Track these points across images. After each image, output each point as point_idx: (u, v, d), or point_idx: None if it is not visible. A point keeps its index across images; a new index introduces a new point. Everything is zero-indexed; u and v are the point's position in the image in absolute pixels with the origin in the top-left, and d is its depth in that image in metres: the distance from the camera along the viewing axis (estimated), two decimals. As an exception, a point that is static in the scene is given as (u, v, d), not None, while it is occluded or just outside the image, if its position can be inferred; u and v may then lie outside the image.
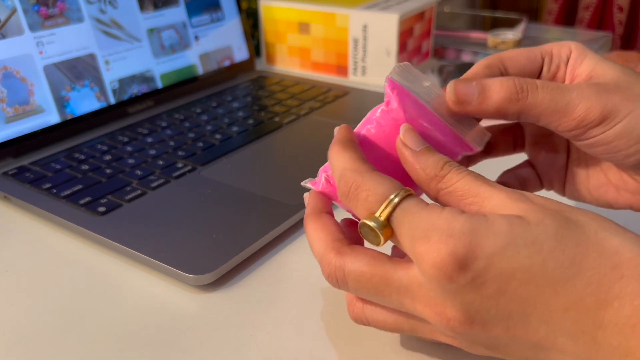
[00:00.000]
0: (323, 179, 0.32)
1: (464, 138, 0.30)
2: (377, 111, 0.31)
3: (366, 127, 0.31)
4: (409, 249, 0.25)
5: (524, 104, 0.30)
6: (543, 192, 0.31)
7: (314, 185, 0.33)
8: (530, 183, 0.37)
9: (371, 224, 0.26)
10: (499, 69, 0.33)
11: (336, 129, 0.32)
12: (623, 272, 0.23)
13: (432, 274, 0.24)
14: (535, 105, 0.30)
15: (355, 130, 0.32)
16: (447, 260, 0.24)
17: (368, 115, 0.32)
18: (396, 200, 0.26)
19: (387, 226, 0.26)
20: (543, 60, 0.33)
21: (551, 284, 0.23)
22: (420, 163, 0.28)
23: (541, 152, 0.37)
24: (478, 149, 0.31)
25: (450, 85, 0.30)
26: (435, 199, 0.28)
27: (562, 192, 0.37)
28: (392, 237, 0.26)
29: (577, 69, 0.33)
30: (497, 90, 0.30)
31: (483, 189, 0.26)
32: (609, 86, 0.30)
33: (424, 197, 0.28)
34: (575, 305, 0.23)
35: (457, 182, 0.27)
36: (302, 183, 0.34)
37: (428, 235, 0.24)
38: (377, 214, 0.26)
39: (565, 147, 0.36)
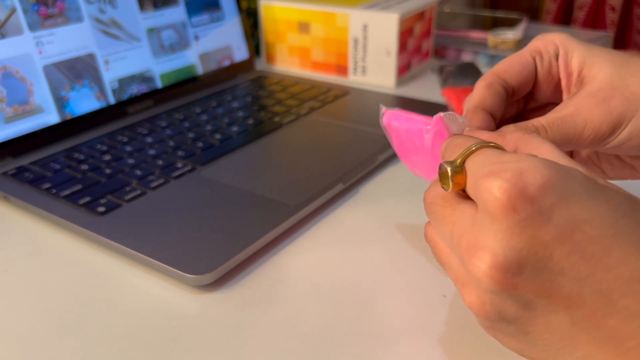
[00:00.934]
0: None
1: None
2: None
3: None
4: (473, 188, 0.24)
5: None
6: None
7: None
8: None
9: (446, 165, 0.26)
10: (501, 85, 0.33)
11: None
12: None
13: (492, 202, 0.22)
14: (553, 142, 0.30)
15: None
16: (513, 187, 0.21)
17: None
18: (474, 147, 0.25)
19: (460, 172, 0.25)
20: (535, 60, 0.34)
21: (621, 247, 0.21)
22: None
23: None
24: None
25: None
26: None
27: None
28: (466, 187, 0.25)
29: (569, 65, 0.33)
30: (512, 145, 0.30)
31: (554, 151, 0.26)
32: (604, 92, 0.30)
33: None
34: None
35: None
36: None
37: (495, 168, 0.23)
38: (455, 158, 0.26)
39: None
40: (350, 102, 0.64)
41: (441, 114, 0.31)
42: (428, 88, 0.72)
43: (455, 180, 0.25)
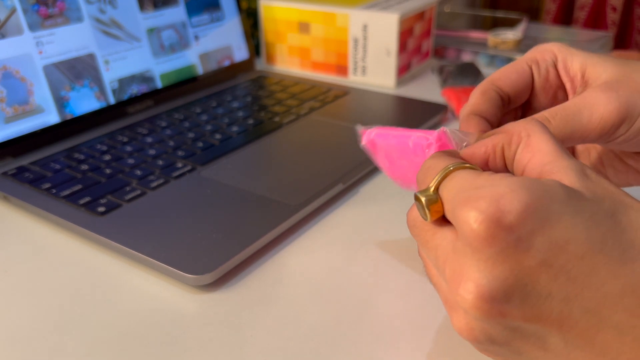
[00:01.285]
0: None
1: None
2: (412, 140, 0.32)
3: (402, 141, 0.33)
4: (451, 216, 0.24)
5: None
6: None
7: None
8: None
9: (420, 196, 0.25)
10: (496, 92, 0.33)
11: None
12: None
13: (471, 235, 0.22)
14: (556, 135, 0.29)
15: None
16: (490, 218, 0.21)
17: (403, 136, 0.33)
18: (446, 171, 0.25)
19: (435, 200, 0.25)
20: (531, 69, 0.33)
21: (608, 263, 0.21)
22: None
23: None
24: None
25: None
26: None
27: None
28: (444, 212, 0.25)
29: (570, 70, 0.32)
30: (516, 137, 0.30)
31: (550, 150, 0.25)
32: (611, 84, 0.29)
33: None
34: (632, 292, 0.20)
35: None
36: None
37: (471, 195, 0.22)
38: (429, 186, 0.25)
39: (571, 148, 0.37)
40: (350, 102, 0.64)
41: (444, 128, 0.31)
42: (428, 88, 0.72)
43: (432, 210, 0.25)
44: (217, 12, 0.70)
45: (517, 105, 0.35)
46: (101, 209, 0.42)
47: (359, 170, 0.48)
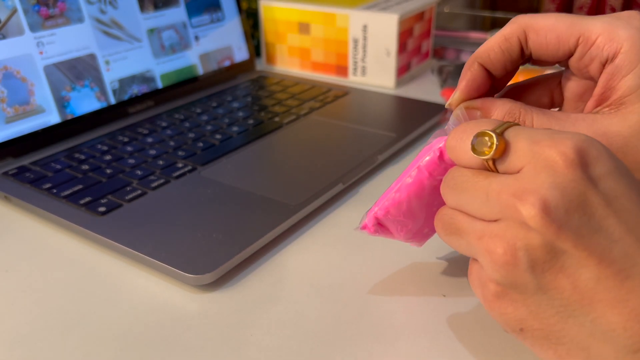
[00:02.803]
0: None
1: None
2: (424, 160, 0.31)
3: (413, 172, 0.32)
4: (528, 149, 0.25)
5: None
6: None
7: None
8: None
9: (487, 131, 0.26)
10: (518, 40, 0.31)
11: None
12: None
13: (548, 162, 0.24)
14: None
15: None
16: (571, 152, 0.24)
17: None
18: (513, 123, 0.26)
19: (503, 139, 0.25)
20: (577, 46, 0.30)
21: None
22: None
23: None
24: None
25: (456, 112, 0.31)
26: None
27: None
28: (504, 156, 0.25)
29: (617, 80, 0.29)
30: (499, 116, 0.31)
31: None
32: (613, 140, 0.29)
33: None
34: None
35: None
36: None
37: (552, 136, 0.24)
38: (492, 128, 0.26)
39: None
40: (350, 102, 0.64)
41: (440, 135, 0.31)
42: (428, 88, 0.72)
43: (499, 147, 0.25)
44: (218, 13, 0.70)
45: (535, 61, 0.33)
46: (102, 208, 0.42)
47: (359, 170, 0.48)
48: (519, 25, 0.31)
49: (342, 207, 0.45)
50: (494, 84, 0.34)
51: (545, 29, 0.30)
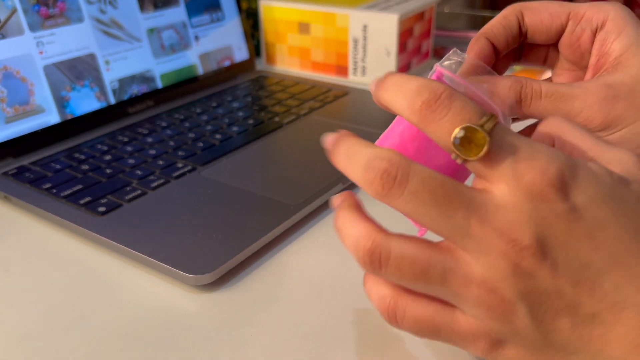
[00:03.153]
0: None
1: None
2: None
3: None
4: (510, 166, 0.22)
5: (527, 111, 0.30)
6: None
7: None
8: None
9: (478, 128, 0.22)
10: (516, 18, 0.33)
11: None
12: None
13: (530, 190, 0.22)
14: (538, 113, 0.30)
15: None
16: (553, 178, 0.22)
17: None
18: (496, 118, 0.23)
19: (492, 142, 0.22)
20: (568, 21, 0.33)
21: (639, 249, 0.23)
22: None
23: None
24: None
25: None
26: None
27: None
28: (483, 159, 0.23)
29: (608, 44, 0.31)
30: (504, 96, 0.30)
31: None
32: (620, 90, 0.30)
33: None
34: None
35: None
36: None
37: (534, 155, 0.23)
38: (480, 123, 0.22)
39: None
40: (350, 102, 0.64)
41: (439, 68, 0.28)
42: (428, 88, 0.72)
43: (486, 152, 0.22)
44: (218, 13, 0.70)
45: (532, 42, 0.35)
46: (101, 208, 0.42)
47: (358, 170, 0.48)
48: (515, 7, 0.34)
49: (342, 207, 0.45)
50: (497, 65, 0.35)
51: (539, 8, 0.34)
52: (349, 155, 0.25)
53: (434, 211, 0.23)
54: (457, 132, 0.22)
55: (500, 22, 0.34)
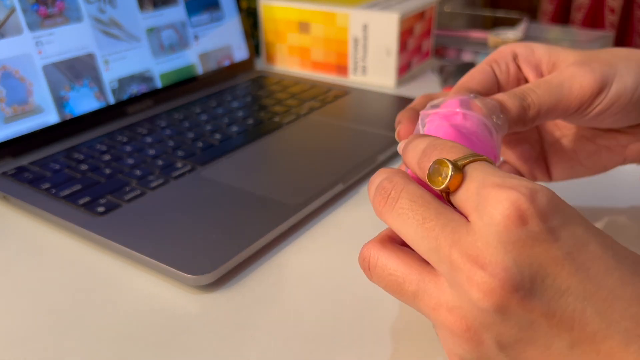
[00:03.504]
0: None
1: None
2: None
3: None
4: (474, 192, 0.23)
5: (533, 109, 0.31)
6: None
7: None
8: None
9: (446, 161, 0.24)
10: (469, 92, 0.34)
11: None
12: None
13: (500, 214, 0.21)
14: (541, 103, 0.31)
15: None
16: (527, 202, 0.21)
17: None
18: (476, 157, 0.24)
19: (460, 173, 0.23)
20: (492, 67, 0.35)
21: (620, 268, 0.21)
22: None
23: (515, 149, 0.38)
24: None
25: (480, 102, 0.31)
26: None
27: (548, 177, 0.39)
28: (456, 192, 0.24)
29: (532, 59, 0.34)
30: (511, 104, 0.31)
31: None
32: (583, 61, 0.32)
33: None
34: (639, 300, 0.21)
35: None
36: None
37: (506, 181, 0.22)
38: (456, 159, 0.24)
39: (537, 137, 0.38)
40: (350, 102, 0.64)
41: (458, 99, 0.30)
42: (428, 88, 0.72)
43: (452, 181, 0.23)
44: (217, 12, 0.70)
45: None
46: (101, 209, 0.42)
47: (359, 170, 0.48)
48: (459, 86, 0.34)
49: (342, 207, 0.45)
50: None
51: (472, 76, 0.35)
52: (375, 176, 0.27)
53: (416, 231, 0.24)
54: (431, 165, 0.25)
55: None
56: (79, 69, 0.56)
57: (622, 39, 1.49)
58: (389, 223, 0.26)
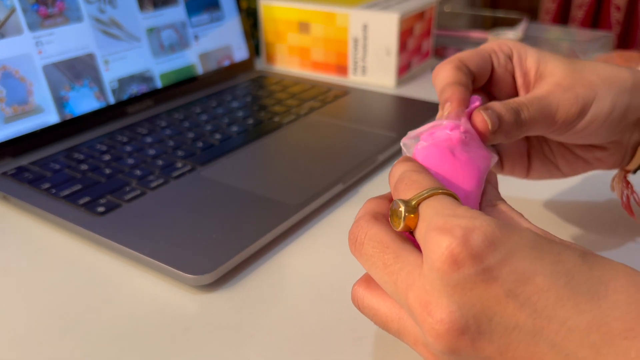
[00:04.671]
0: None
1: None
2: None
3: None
4: (422, 236, 0.23)
5: (526, 125, 0.32)
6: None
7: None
8: (494, 168, 0.39)
9: (400, 203, 0.25)
10: (467, 68, 0.35)
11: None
12: None
13: (437, 259, 0.22)
14: (532, 120, 0.32)
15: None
16: (460, 245, 0.21)
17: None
18: (432, 192, 0.25)
19: (415, 212, 0.24)
20: (491, 56, 0.36)
21: (574, 297, 0.21)
22: None
23: (504, 144, 0.39)
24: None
25: (486, 115, 0.31)
26: None
27: (525, 175, 0.40)
28: (415, 230, 0.25)
29: (524, 65, 0.35)
30: (508, 118, 0.32)
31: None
32: (567, 81, 0.33)
33: None
34: (598, 328, 0.20)
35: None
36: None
37: (448, 221, 0.22)
38: (411, 198, 0.25)
39: (525, 138, 0.39)
40: (350, 102, 0.64)
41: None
42: (428, 88, 0.72)
43: (406, 222, 0.24)
44: (217, 12, 0.70)
45: (476, 87, 0.36)
46: (101, 209, 0.42)
47: (359, 170, 0.48)
48: (457, 58, 0.35)
49: (342, 207, 0.45)
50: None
51: (471, 56, 0.36)
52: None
53: (380, 275, 0.25)
54: (391, 205, 0.26)
55: (459, 72, 0.34)
56: (79, 69, 0.56)
57: (627, 36, 1.49)
58: (362, 265, 0.27)
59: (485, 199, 0.29)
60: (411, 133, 0.31)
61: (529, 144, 0.39)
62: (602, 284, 0.21)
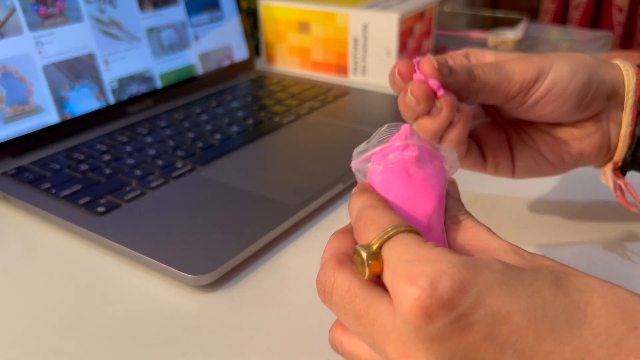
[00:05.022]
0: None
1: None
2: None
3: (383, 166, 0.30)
4: (389, 284, 0.22)
5: (479, 81, 0.33)
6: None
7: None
8: (476, 165, 0.39)
9: (362, 251, 0.23)
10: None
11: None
12: (637, 324, 0.20)
13: (407, 313, 0.21)
14: (487, 78, 0.33)
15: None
16: (429, 296, 0.20)
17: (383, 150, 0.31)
18: (392, 232, 0.24)
19: (378, 258, 0.23)
20: (446, 59, 0.36)
21: (554, 330, 0.20)
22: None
23: (485, 137, 0.39)
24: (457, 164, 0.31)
25: (434, 58, 0.32)
26: None
27: (511, 171, 0.39)
28: (382, 274, 0.24)
29: (481, 59, 0.37)
30: (459, 71, 0.33)
31: (482, 234, 0.26)
32: (522, 55, 0.35)
33: None
34: (582, 358, 0.20)
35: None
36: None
37: (413, 268, 0.21)
38: (371, 242, 0.24)
39: (504, 132, 0.39)
40: (350, 102, 0.64)
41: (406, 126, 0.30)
42: (428, 88, 0.71)
43: (372, 270, 0.23)
44: (217, 12, 0.70)
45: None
46: (101, 209, 0.42)
47: (359, 170, 0.48)
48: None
49: (342, 207, 0.45)
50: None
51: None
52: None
53: (353, 327, 0.24)
54: (353, 254, 0.25)
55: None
56: (79, 69, 0.56)
57: (628, 37, 1.49)
58: (335, 314, 0.26)
59: (449, 215, 0.28)
60: (358, 154, 0.30)
61: (507, 134, 0.39)
62: (580, 310, 0.21)
